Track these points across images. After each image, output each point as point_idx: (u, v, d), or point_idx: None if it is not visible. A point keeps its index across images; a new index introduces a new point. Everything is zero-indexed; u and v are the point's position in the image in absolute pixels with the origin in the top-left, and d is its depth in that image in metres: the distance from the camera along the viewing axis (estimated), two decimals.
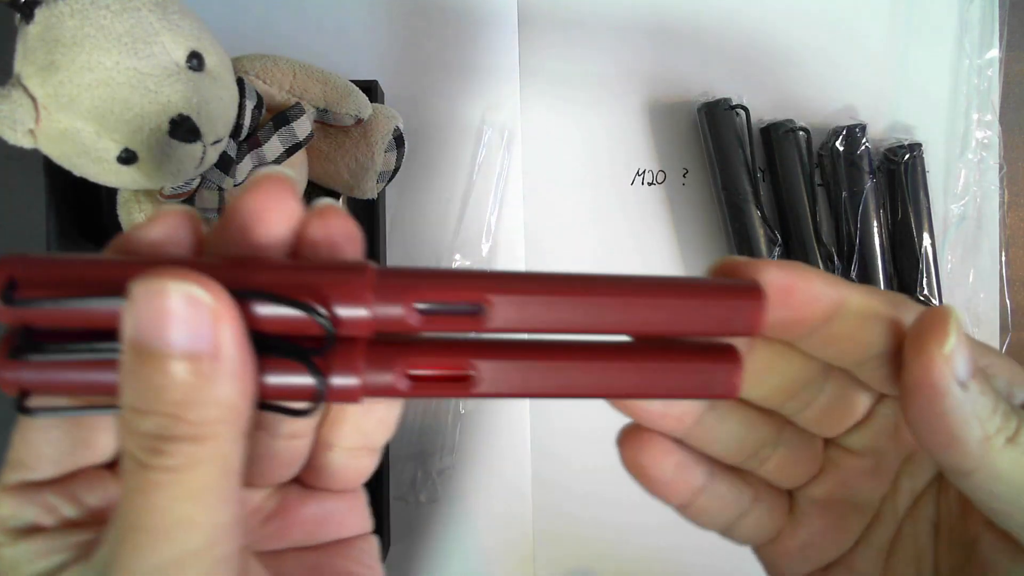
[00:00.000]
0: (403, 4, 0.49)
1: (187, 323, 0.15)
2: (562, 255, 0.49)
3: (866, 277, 0.47)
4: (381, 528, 0.46)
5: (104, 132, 0.29)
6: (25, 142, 0.30)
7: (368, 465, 0.22)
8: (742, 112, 0.47)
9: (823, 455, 0.23)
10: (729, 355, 0.19)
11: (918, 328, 0.18)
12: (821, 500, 0.23)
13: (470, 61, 0.49)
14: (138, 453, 0.15)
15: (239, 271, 0.17)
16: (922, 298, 0.46)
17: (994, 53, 0.49)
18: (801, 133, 0.47)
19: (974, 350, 0.18)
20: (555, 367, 0.18)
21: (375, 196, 0.44)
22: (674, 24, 0.49)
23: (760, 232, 0.46)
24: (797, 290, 0.19)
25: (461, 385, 0.18)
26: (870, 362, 0.20)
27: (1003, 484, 0.18)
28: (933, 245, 0.47)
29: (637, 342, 0.20)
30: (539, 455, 0.48)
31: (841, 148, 0.47)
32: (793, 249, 0.47)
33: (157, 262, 0.16)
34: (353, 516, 0.22)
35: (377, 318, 0.17)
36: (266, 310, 0.17)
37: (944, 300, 0.47)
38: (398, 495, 0.48)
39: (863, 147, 0.46)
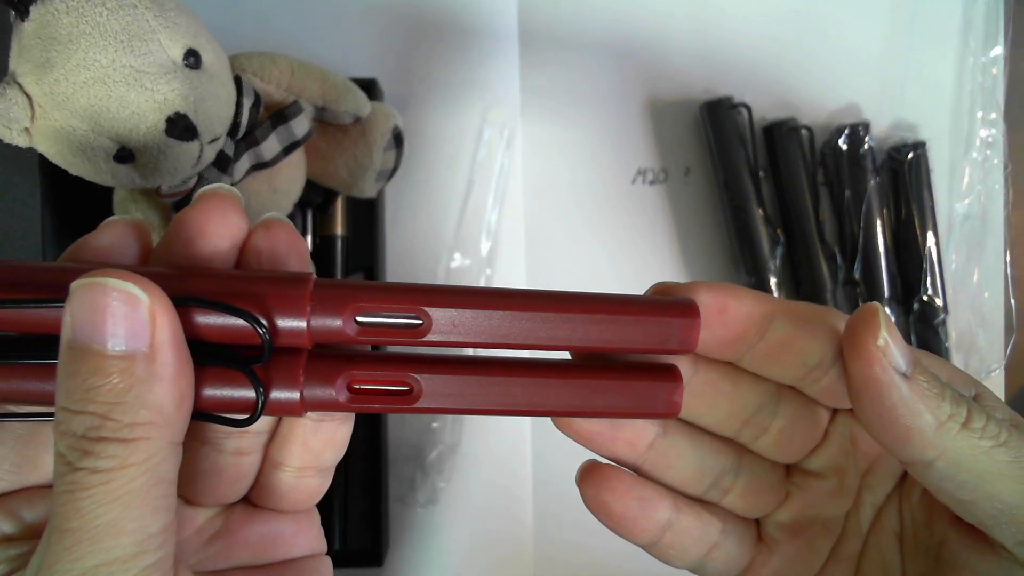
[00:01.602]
0: (402, 1, 0.49)
1: (124, 321, 0.15)
2: (563, 254, 0.49)
3: (869, 277, 0.46)
4: (380, 529, 0.45)
5: (100, 130, 0.29)
6: (20, 141, 0.30)
7: (318, 486, 0.22)
8: (744, 110, 0.47)
9: (787, 481, 0.23)
10: (670, 374, 0.20)
11: (850, 329, 0.18)
12: (789, 525, 0.23)
13: (469, 59, 0.49)
14: (68, 454, 0.15)
15: (180, 278, 0.17)
16: (926, 298, 0.46)
17: (999, 51, 0.48)
18: (804, 131, 0.47)
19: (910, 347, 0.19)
20: (496, 383, 0.19)
21: (374, 195, 0.44)
22: (676, 22, 0.49)
23: (762, 231, 0.46)
24: (729, 307, 0.20)
25: (402, 399, 0.18)
26: (811, 374, 0.20)
27: (964, 471, 0.18)
28: (937, 244, 0.46)
29: (577, 361, 0.20)
30: (539, 457, 0.48)
31: (844, 147, 0.46)
32: (796, 248, 0.47)
33: (100, 267, 0.16)
34: (303, 537, 0.22)
35: (315, 329, 0.18)
36: (206, 319, 0.17)
37: (949, 300, 0.47)
38: (397, 496, 0.48)
39: (866, 146, 0.46)
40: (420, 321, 0.18)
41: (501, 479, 0.48)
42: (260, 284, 0.17)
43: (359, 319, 0.18)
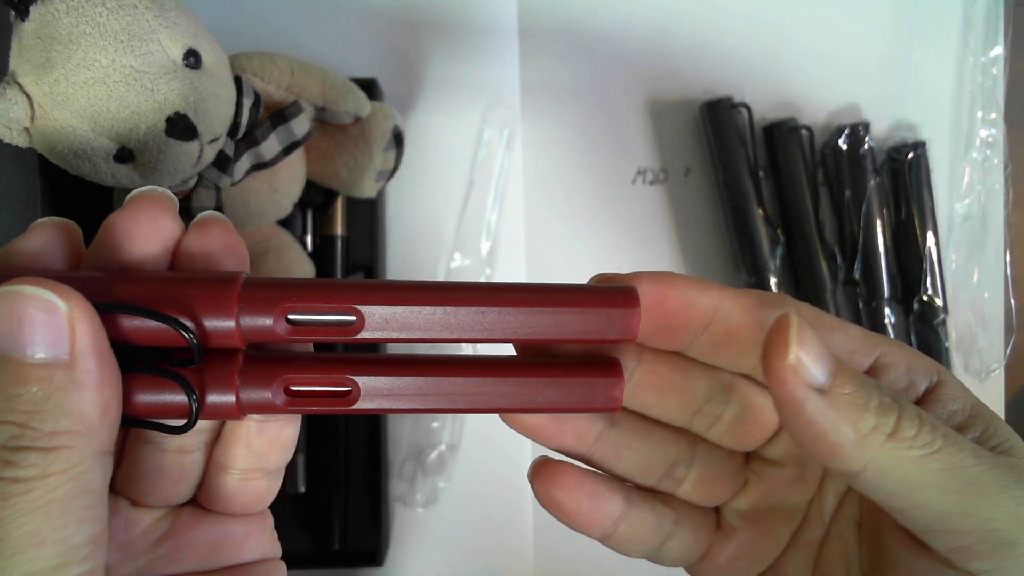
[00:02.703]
0: (402, 1, 0.49)
1: (41, 329, 0.15)
2: (563, 254, 0.49)
3: (869, 277, 0.46)
4: (380, 529, 0.45)
5: (100, 130, 0.29)
6: (20, 141, 0.30)
7: (266, 488, 0.22)
8: (744, 110, 0.47)
9: (745, 469, 0.23)
10: (611, 369, 0.19)
11: (764, 346, 0.18)
12: (747, 512, 0.23)
13: (469, 59, 0.49)
14: None
15: (105, 283, 0.17)
16: (926, 298, 0.46)
17: (999, 51, 0.48)
18: (804, 131, 0.47)
19: (854, 341, 0.18)
20: (435, 383, 0.18)
21: (374, 195, 0.44)
22: (676, 21, 0.49)
23: (762, 231, 0.46)
24: (669, 298, 0.19)
25: (341, 400, 0.18)
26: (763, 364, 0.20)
27: (892, 481, 0.17)
28: (937, 244, 0.46)
29: (521, 356, 0.20)
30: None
31: (844, 147, 0.46)
32: (796, 248, 0.47)
33: (20, 273, 0.16)
34: (255, 540, 0.22)
35: (245, 330, 0.17)
36: (134, 323, 0.17)
37: (949, 300, 0.47)
38: (397, 496, 0.48)
39: (866, 146, 0.46)
40: (353, 318, 0.18)
41: (501, 479, 0.48)
42: (188, 287, 0.17)
43: (291, 318, 0.18)
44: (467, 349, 0.44)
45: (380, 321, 0.18)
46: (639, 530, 0.22)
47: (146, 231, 0.19)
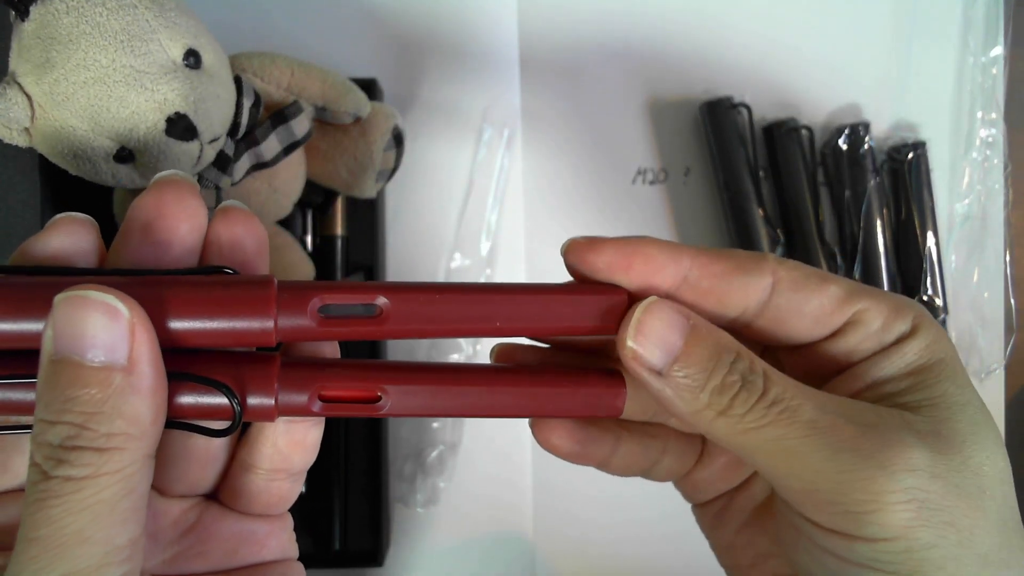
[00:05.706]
0: (402, 2, 0.49)
1: (104, 333, 0.16)
2: None
3: (869, 277, 0.46)
4: (380, 529, 0.45)
5: (100, 130, 0.29)
6: (20, 141, 0.30)
7: (289, 490, 0.22)
8: (744, 110, 0.47)
9: None
10: (615, 379, 0.22)
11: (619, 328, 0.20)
12: None
13: (470, 59, 0.49)
14: (43, 464, 0.16)
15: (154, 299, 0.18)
16: (926, 298, 0.46)
17: (999, 51, 0.48)
18: (804, 131, 0.47)
19: (831, 302, 0.20)
20: (457, 392, 0.20)
21: (374, 195, 0.44)
22: (676, 22, 0.49)
23: (762, 231, 0.46)
24: (634, 267, 0.22)
25: (370, 407, 0.20)
26: (736, 322, 0.21)
27: (730, 445, 0.19)
28: (937, 244, 0.46)
29: (534, 367, 0.22)
30: (540, 457, 0.48)
31: (844, 147, 0.46)
32: (796, 248, 0.47)
33: (67, 275, 0.17)
34: (275, 539, 0.22)
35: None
36: (186, 325, 0.18)
37: (948, 300, 0.47)
38: (397, 496, 0.48)
39: (866, 146, 0.46)
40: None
41: (501, 479, 0.48)
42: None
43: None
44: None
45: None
46: (630, 459, 0.24)
47: (174, 210, 0.19)
